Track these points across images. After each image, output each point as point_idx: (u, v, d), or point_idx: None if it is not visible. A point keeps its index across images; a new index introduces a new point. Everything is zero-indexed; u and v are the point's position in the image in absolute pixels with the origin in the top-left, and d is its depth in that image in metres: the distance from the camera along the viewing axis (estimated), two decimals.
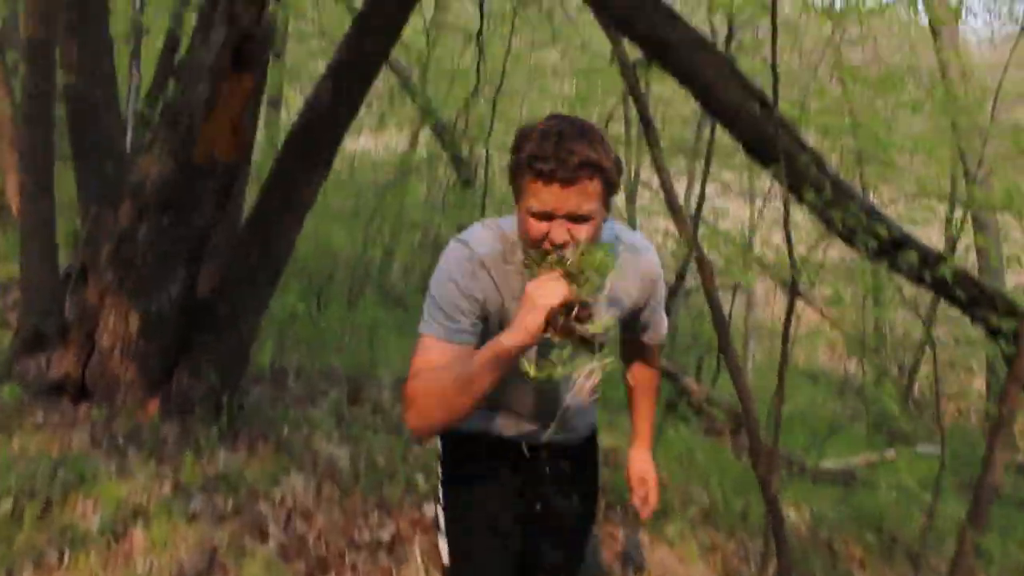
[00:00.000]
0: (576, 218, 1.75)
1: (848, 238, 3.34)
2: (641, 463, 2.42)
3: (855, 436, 8.06)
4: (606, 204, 1.83)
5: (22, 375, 4.59)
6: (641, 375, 2.45)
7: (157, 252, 4.20)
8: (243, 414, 4.74)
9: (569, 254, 1.73)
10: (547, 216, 1.75)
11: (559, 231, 1.74)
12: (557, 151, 1.71)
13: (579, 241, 1.75)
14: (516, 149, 1.81)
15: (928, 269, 3.21)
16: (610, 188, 1.80)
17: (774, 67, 3.43)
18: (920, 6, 7.68)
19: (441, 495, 2.30)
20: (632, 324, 2.26)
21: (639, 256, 2.09)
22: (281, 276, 4.66)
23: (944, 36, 8.93)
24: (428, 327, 1.92)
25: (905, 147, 6.70)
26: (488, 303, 1.95)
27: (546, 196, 1.73)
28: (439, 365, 1.84)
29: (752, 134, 3.57)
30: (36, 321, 4.80)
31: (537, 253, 1.78)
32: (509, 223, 1.99)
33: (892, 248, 3.37)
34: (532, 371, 1.76)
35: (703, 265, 3.51)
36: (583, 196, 1.73)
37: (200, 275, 4.59)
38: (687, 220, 3.66)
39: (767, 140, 3.55)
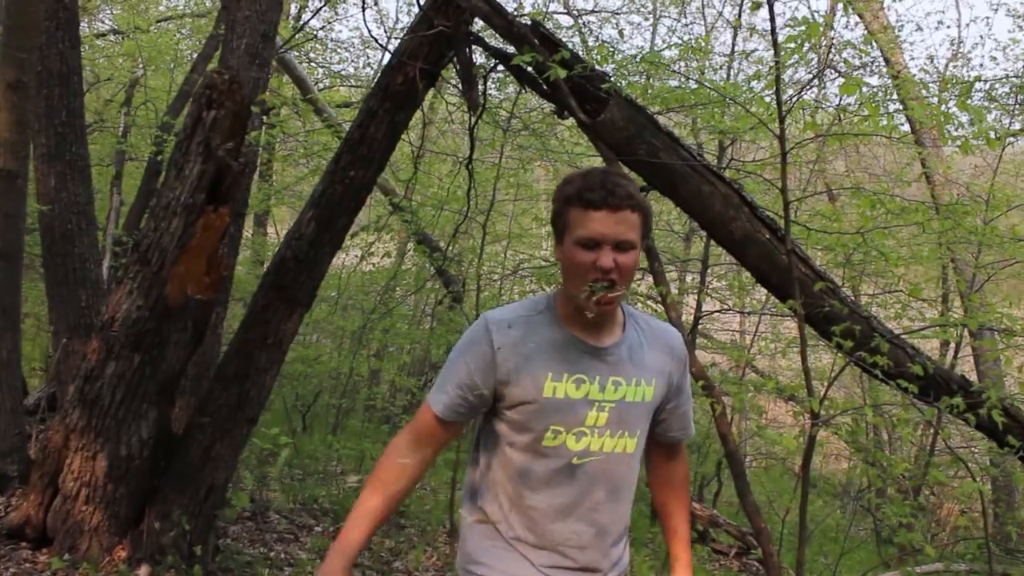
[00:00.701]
0: (621, 245, 1.85)
1: (884, 380, 3.10)
2: None
3: (865, 548, 7.70)
4: (643, 244, 1.94)
5: None
6: (675, 481, 2.24)
7: (126, 392, 3.98)
8: (220, 557, 4.49)
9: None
10: (595, 244, 1.84)
11: (606, 257, 1.83)
12: (604, 183, 1.85)
13: (624, 269, 1.85)
14: (560, 195, 1.92)
15: (972, 413, 2.96)
16: (646, 230, 1.92)
17: (784, 193, 3.25)
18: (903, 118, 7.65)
19: None
20: (666, 418, 2.13)
21: (664, 331, 2.11)
22: (260, 414, 4.41)
23: (928, 143, 8.95)
24: (431, 391, 2.03)
25: (906, 259, 6.57)
26: (500, 368, 1.93)
27: (595, 224, 1.84)
28: (402, 443, 2.01)
29: (764, 264, 3.38)
30: None
31: (585, 287, 1.85)
32: (535, 298, 2.06)
33: (920, 381, 3.12)
34: (572, 444, 1.93)
35: (718, 408, 3.25)
36: (627, 224, 1.85)
37: (174, 412, 4.39)
38: (695, 356, 3.42)
39: (780, 269, 3.36)
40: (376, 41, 6.39)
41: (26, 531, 4.14)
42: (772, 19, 3.39)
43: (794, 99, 4.11)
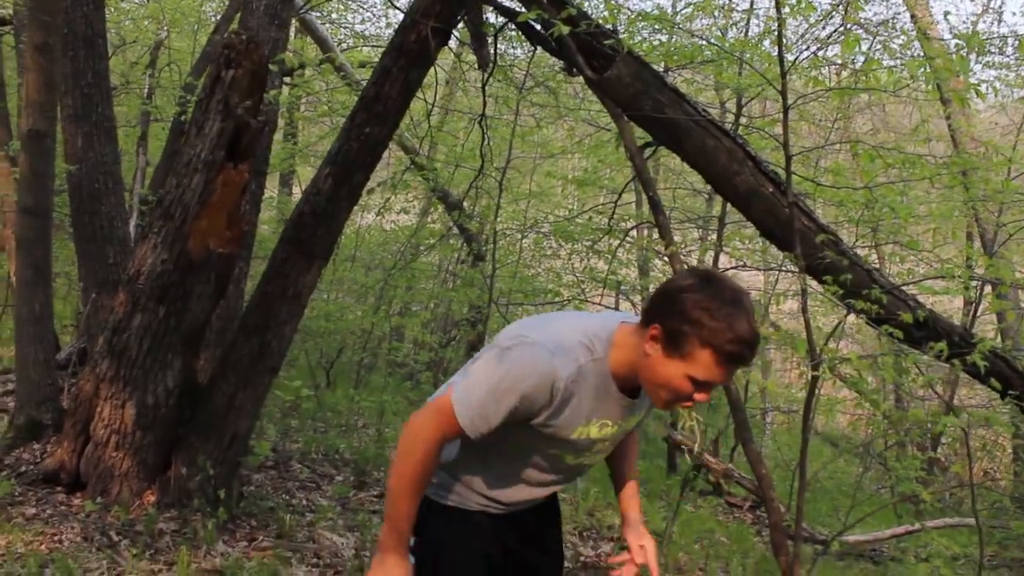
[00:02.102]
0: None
1: (873, 326, 3.19)
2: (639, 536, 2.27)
3: (879, 504, 7.78)
4: None
5: (15, 465, 4.54)
6: (624, 460, 2.31)
7: (152, 342, 4.13)
8: (244, 503, 4.64)
9: None
10: (709, 385, 1.79)
11: (705, 396, 1.80)
12: (750, 340, 1.72)
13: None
14: (693, 320, 1.73)
15: (959, 359, 3.04)
16: None
17: (786, 147, 3.31)
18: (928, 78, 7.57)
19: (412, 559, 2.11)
20: None
21: None
22: (281, 365, 4.56)
23: (953, 102, 8.84)
24: (464, 409, 1.84)
25: (920, 216, 6.57)
26: (546, 411, 1.86)
27: (723, 376, 1.76)
28: (434, 446, 1.87)
29: (768, 217, 3.45)
30: (31, 411, 4.81)
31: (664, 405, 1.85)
32: (593, 333, 1.90)
33: (919, 333, 3.21)
34: (570, 460, 1.97)
35: None
36: None
37: (198, 364, 4.53)
38: None
39: (783, 222, 3.43)
40: (390, 1, 6.42)
41: (60, 476, 4.32)
42: None
43: (801, 56, 4.15)
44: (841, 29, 7.33)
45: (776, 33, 3.41)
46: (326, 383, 8.60)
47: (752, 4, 8.50)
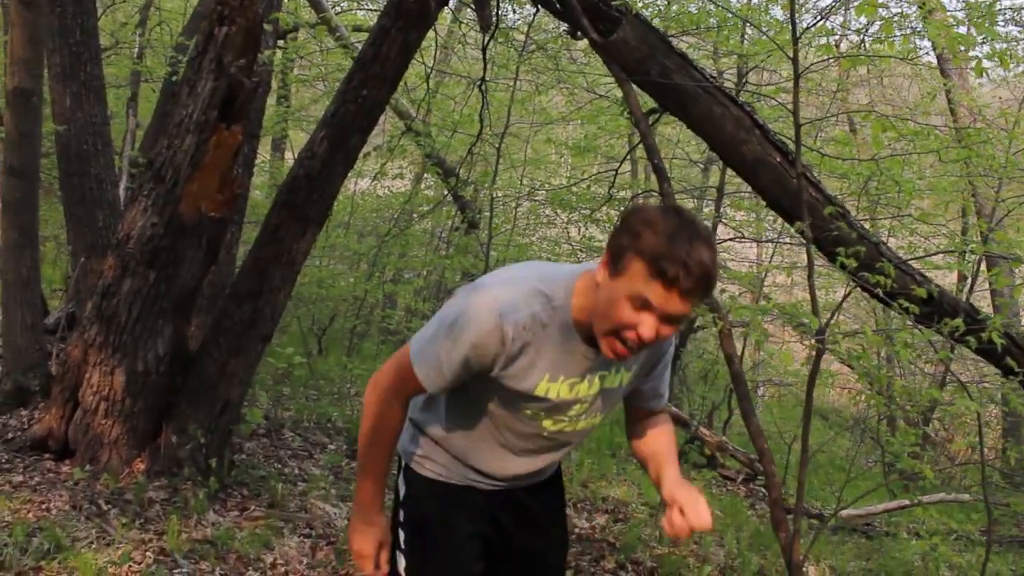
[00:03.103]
0: (671, 319, 1.65)
1: (885, 301, 3.11)
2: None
3: (872, 478, 7.79)
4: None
5: (2, 432, 4.47)
6: (657, 441, 2.05)
7: (142, 308, 4.04)
8: (235, 472, 4.58)
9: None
10: (647, 307, 1.62)
11: (650, 329, 1.63)
12: (687, 260, 1.58)
13: (663, 338, 1.68)
14: (632, 233, 1.64)
15: (973, 335, 2.98)
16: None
17: (796, 116, 3.22)
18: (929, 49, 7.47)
19: (402, 534, 2.06)
20: (638, 393, 2.04)
21: None
22: (274, 331, 4.47)
23: (953, 75, 8.76)
24: (419, 361, 1.82)
25: (922, 190, 6.49)
26: (500, 360, 1.76)
27: (661, 299, 1.61)
28: (397, 405, 1.88)
29: (774, 187, 3.37)
30: (18, 376, 4.73)
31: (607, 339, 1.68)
32: (552, 280, 1.79)
33: (926, 308, 3.14)
34: (548, 425, 1.88)
35: (721, 325, 3.28)
36: (689, 305, 1.63)
37: (189, 330, 4.46)
38: None
39: (790, 193, 3.35)
40: None
41: (49, 443, 4.25)
42: None
43: (813, 23, 4.05)
44: None
45: None
46: (318, 350, 8.56)
47: None
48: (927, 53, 8.32)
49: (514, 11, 5.44)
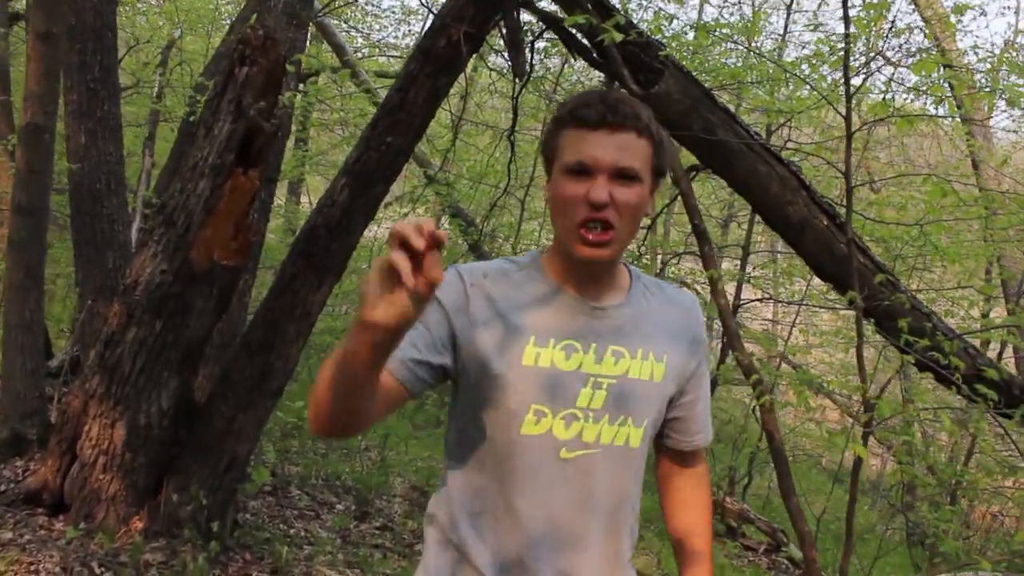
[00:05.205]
0: (622, 174, 1.43)
1: (959, 386, 2.88)
2: None
3: (892, 548, 7.47)
4: (653, 184, 1.51)
5: None
6: (696, 517, 1.73)
7: (147, 358, 3.85)
8: (238, 533, 4.37)
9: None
10: (587, 171, 1.43)
11: (600, 189, 1.42)
12: (604, 98, 1.44)
13: (623, 206, 1.43)
14: (552, 119, 1.54)
15: None
16: (658, 163, 1.49)
17: (848, 178, 3.03)
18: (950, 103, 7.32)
19: None
20: (680, 416, 1.67)
21: (679, 297, 1.67)
22: (285, 386, 4.26)
23: (978, 134, 8.61)
24: None
25: (956, 255, 6.28)
26: (464, 314, 1.50)
27: (588, 146, 1.43)
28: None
29: (821, 252, 3.17)
30: (15, 424, 4.56)
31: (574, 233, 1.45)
32: (513, 257, 1.64)
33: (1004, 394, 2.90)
34: (560, 432, 1.48)
35: (765, 400, 3.04)
36: (631, 151, 1.44)
37: (196, 381, 4.26)
38: (742, 342, 3.21)
39: (838, 258, 3.14)
40: (421, 1, 6.15)
41: (43, 496, 4.06)
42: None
43: (861, 81, 3.89)
44: (876, 60, 7.07)
45: (835, 58, 3.14)
46: None
47: (785, 29, 8.25)
48: (948, 117, 8.16)
49: (543, 60, 5.30)
